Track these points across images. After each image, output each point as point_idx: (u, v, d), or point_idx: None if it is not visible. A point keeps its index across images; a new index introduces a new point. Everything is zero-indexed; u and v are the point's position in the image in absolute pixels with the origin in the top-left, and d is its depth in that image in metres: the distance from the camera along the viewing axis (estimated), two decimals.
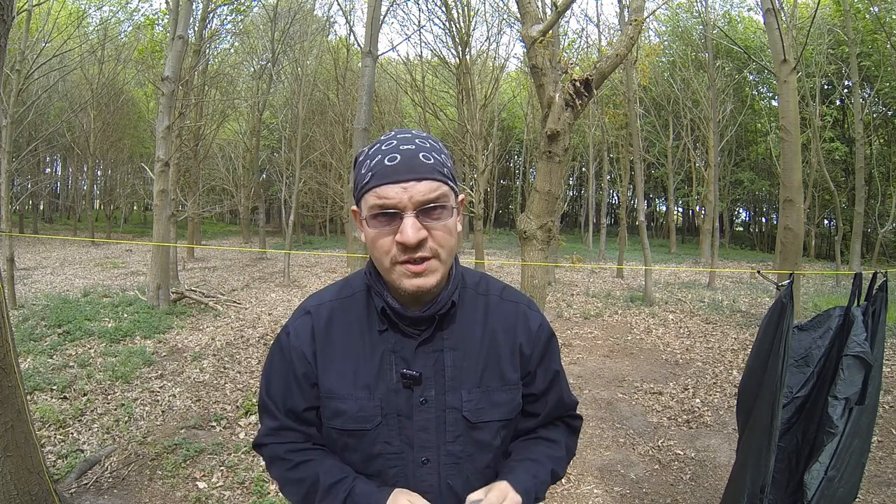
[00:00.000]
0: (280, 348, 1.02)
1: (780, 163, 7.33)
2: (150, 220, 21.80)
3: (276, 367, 1.02)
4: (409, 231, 0.86)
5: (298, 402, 1.00)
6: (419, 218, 0.87)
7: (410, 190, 0.86)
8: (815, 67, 13.95)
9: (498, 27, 22.47)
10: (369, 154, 0.90)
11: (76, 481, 3.07)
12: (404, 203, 0.86)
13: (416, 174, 0.86)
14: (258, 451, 1.06)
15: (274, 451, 1.01)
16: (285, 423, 1.01)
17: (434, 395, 0.95)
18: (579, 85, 3.07)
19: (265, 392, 1.03)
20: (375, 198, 0.87)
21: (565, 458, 1.09)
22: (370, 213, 0.88)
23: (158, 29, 12.59)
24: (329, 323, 0.99)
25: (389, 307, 0.95)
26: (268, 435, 1.02)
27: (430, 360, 0.96)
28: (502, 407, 0.99)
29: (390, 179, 0.86)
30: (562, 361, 1.12)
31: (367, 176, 0.88)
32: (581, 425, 1.16)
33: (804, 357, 2.01)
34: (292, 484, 0.99)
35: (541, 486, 1.00)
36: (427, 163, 0.88)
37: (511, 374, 1.00)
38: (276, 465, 1.02)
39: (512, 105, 23.07)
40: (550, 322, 1.17)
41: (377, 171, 0.87)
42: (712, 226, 14.04)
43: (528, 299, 1.09)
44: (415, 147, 0.89)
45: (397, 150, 0.88)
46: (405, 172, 0.86)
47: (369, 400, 0.95)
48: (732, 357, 6.02)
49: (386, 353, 0.96)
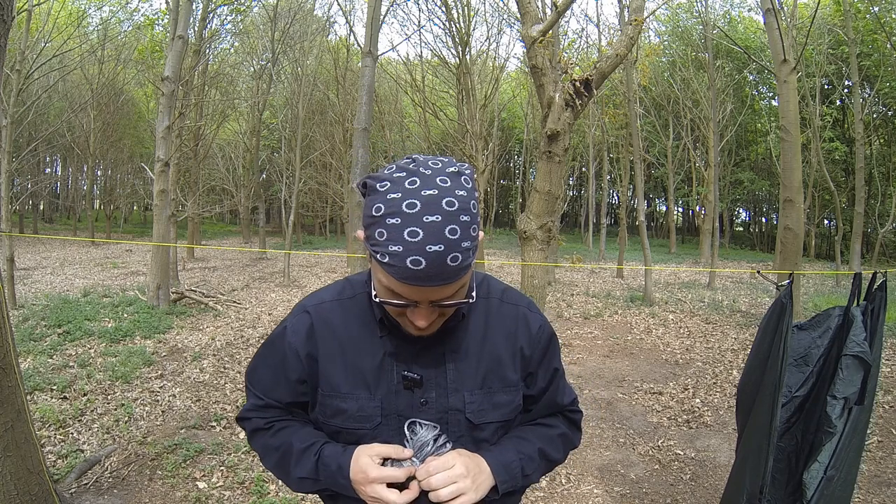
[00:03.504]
0: (273, 342, 1.03)
1: (780, 163, 7.33)
2: (150, 220, 21.79)
3: (267, 359, 1.04)
4: (421, 321, 0.85)
5: (283, 395, 1.03)
6: (434, 303, 0.84)
7: (431, 294, 0.82)
8: (815, 67, 13.95)
9: (498, 27, 22.56)
10: (388, 224, 0.78)
11: (76, 481, 3.07)
12: (422, 300, 0.83)
13: (439, 281, 0.79)
14: (241, 424, 1.09)
15: (256, 424, 1.05)
16: (270, 403, 1.04)
17: (435, 396, 0.95)
18: (579, 85, 3.07)
19: (251, 381, 1.06)
20: (389, 283, 0.82)
21: (559, 441, 1.08)
22: (380, 286, 0.85)
23: (158, 29, 12.58)
24: (329, 323, 0.99)
25: (389, 318, 0.95)
26: (252, 410, 1.06)
27: (432, 363, 0.96)
28: (504, 408, 1.00)
29: (411, 283, 0.79)
30: (562, 360, 1.13)
31: (383, 255, 0.79)
32: (581, 419, 1.16)
33: (803, 356, 2.01)
34: (270, 451, 1.03)
35: (527, 462, 1.00)
36: (453, 266, 0.78)
37: (512, 375, 1.01)
38: (258, 435, 1.06)
39: (512, 105, 23.07)
40: (550, 322, 1.16)
41: (396, 266, 0.78)
42: (712, 226, 14.05)
43: (528, 301, 1.09)
44: (443, 249, 0.76)
45: (422, 253, 0.76)
46: (427, 280, 0.78)
47: (370, 400, 0.95)
48: (732, 357, 6.02)
49: (387, 354, 0.96)
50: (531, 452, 1.01)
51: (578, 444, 1.16)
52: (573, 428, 1.14)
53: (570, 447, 1.12)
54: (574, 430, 1.14)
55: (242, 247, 18.08)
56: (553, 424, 1.09)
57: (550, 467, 1.07)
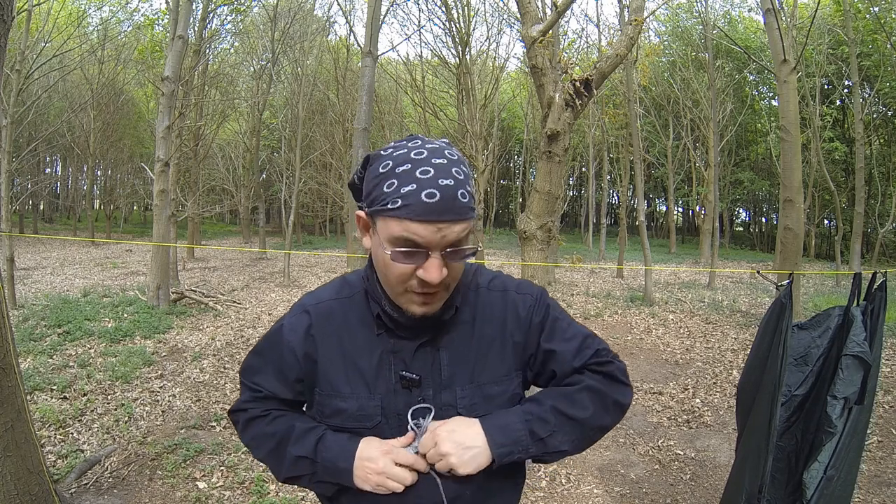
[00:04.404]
0: (271, 340, 1.02)
1: (780, 163, 7.33)
2: (150, 220, 21.78)
3: (265, 357, 1.03)
4: (434, 272, 0.83)
5: (281, 392, 1.02)
6: (443, 256, 0.84)
7: (444, 231, 0.82)
8: (815, 67, 13.95)
9: (498, 27, 22.56)
10: (398, 173, 0.82)
11: (76, 481, 3.07)
12: (435, 243, 0.82)
13: (452, 216, 0.81)
14: (235, 416, 1.07)
15: (253, 413, 1.04)
16: (269, 395, 1.03)
17: (431, 394, 0.96)
18: (579, 85, 3.07)
19: (247, 377, 1.05)
20: (403, 230, 0.81)
21: (585, 396, 0.96)
22: (391, 242, 0.84)
23: (158, 29, 12.59)
24: (328, 322, 0.99)
25: (386, 314, 0.95)
26: (249, 401, 1.04)
27: (428, 361, 0.96)
28: (496, 399, 0.98)
29: (426, 219, 0.80)
30: (569, 319, 1.04)
31: (394, 200, 0.81)
32: (617, 370, 1.00)
33: (803, 356, 2.01)
34: (266, 438, 1.01)
35: (537, 422, 0.93)
36: (464, 202, 0.82)
37: (501, 366, 0.99)
38: (254, 424, 1.04)
39: (512, 105, 23.08)
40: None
41: (411, 203, 0.80)
42: (712, 226, 14.04)
43: (517, 283, 1.05)
44: (453, 183, 0.81)
45: (436, 186, 0.80)
46: (443, 213, 0.81)
47: (370, 399, 0.95)
48: (732, 357, 6.02)
49: (385, 353, 0.96)
50: (540, 411, 0.94)
51: (627, 400, 1.00)
52: (607, 381, 0.99)
53: (609, 402, 0.97)
54: (609, 382, 0.99)
55: (242, 247, 18.08)
56: (575, 382, 0.99)
57: (586, 431, 0.96)
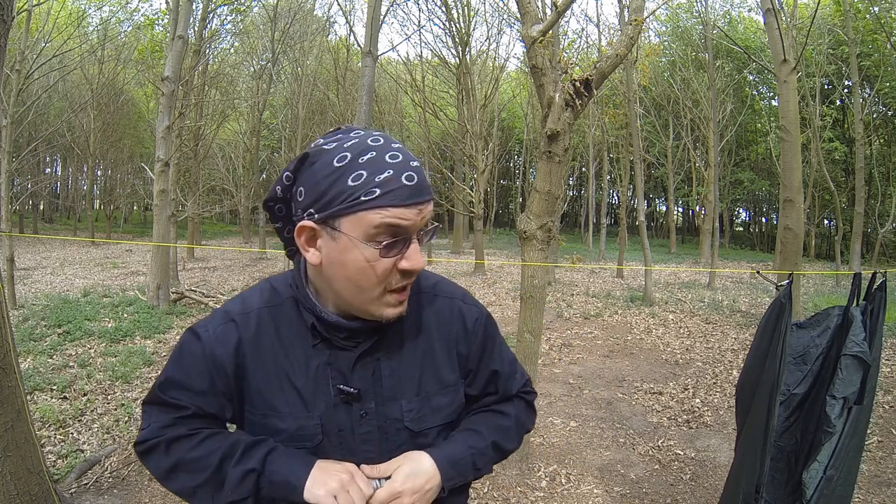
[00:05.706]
0: (192, 352, 0.88)
1: (780, 163, 7.33)
2: (150, 220, 21.78)
3: (188, 369, 0.88)
4: (419, 257, 0.81)
5: (209, 406, 0.89)
6: (420, 232, 0.82)
7: (424, 211, 0.80)
8: (815, 67, 13.95)
9: (498, 27, 22.58)
10: (362, 162, 0.77)
11: (76, 481, 3.07)
12: (416, 227, 0.80)
13: (427, 195, 0.80)
14: (147, 445, 0.87)
15: (175, 433, 0.86)
16: (197, 412, 0.88)
17: (374, 406, 0.89)
18: (579, 85, 3.07)
19: (166, 392, 0.88)
20: (386, 218, 0.77)
21: (514, 428, 1.02)
22: (372, 236, 0.77)
23: (158, 29, 12.59)
24: (258, 334, 0.89)
25: (322, 321, 0.87)
26: (166, 426, 0.87)
27: (368, 372, 0.89)
28: (443, 410, 0.95)
29: (411, 202, 0.77)
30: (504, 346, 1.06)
31: (370, 191, 0.76)
32: (534, 399, 1.10)
33: (801, 355, 2.01)
34: (195, 462, 0.84)
35: (479, 456, 0.94)
36: (429, 182, 0.81)
37: (449, 375, 0.95)
38: (175, 447, 0.86)
39: (512, 105, 23.10)
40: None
41: (394, 189, 0.76)
42: (712, 226, 14.04)
43: (462, 292, 1.02)
44: (417, 163, 0.80)
45: (410, 168, 0.78)
46: (422, 193, 0.78)
47: (308, 418, 0.87)
48: (732, 357, 6.02)
49: (321, 366, 0.88)
50: (483, 447, 0.95)
51: (532, 427, 1.10)
52: (528, 410, 1.07)
53: (524, 432, 1.06)
54: (529, 412, 1.07)
55: (242, 247, 18.08)
56: (507, 412, 1.02)
57: (504, 457, 1.02)
